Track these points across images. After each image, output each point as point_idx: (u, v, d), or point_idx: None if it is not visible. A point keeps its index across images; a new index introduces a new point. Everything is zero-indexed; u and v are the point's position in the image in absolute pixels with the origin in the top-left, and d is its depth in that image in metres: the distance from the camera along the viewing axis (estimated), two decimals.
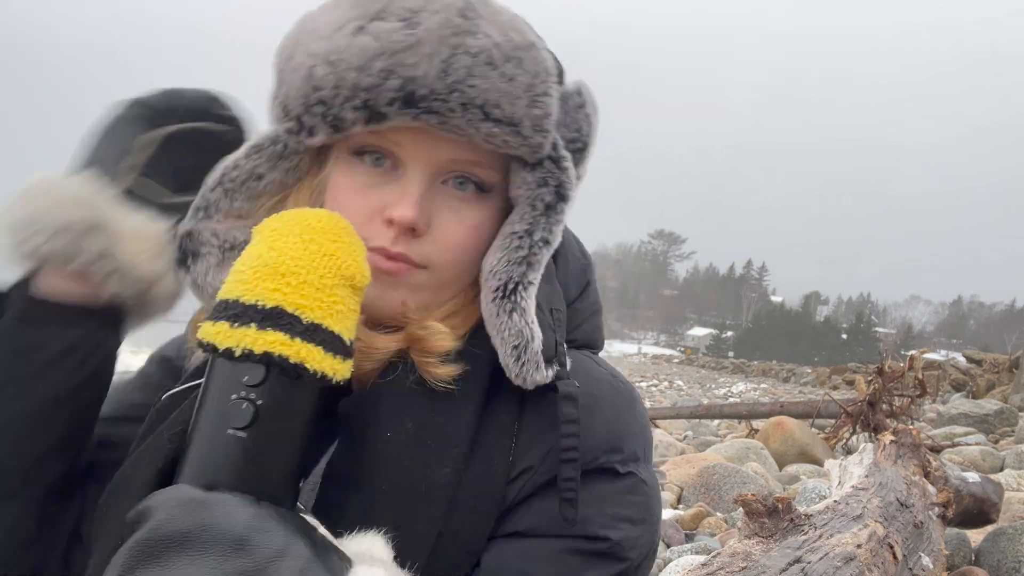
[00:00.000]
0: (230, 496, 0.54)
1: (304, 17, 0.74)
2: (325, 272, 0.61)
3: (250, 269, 0.61)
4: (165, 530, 0.50)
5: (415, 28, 0.66)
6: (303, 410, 0.60)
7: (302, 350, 0.58)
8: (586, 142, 0.77)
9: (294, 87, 0.70)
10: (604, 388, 0.76)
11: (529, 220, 0.73)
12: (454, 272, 0.74)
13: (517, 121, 0.68)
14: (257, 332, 0.57)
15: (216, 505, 0.53)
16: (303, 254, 0.61)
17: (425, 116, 0.66)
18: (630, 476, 0.73)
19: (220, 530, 0.50)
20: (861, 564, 1.90)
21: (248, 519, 0.52)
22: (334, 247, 0.63)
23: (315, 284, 0.60)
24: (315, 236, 0.63)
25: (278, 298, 0.59)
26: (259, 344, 0.57)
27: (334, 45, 0.67)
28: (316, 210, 0.67)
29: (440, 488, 0.67)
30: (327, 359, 0.59)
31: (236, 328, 0.58)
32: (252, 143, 0.79)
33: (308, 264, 0.61)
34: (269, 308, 0.58)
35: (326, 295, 0.60)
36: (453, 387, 0.70)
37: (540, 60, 0.70)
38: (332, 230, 0.64)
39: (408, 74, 0.65)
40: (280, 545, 0.51)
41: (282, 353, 0.57)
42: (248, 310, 0.58)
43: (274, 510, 0.55)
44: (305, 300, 0.59)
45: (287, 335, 0.58)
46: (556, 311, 0.75)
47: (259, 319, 0.58)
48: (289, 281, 0.60)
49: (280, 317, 0.58)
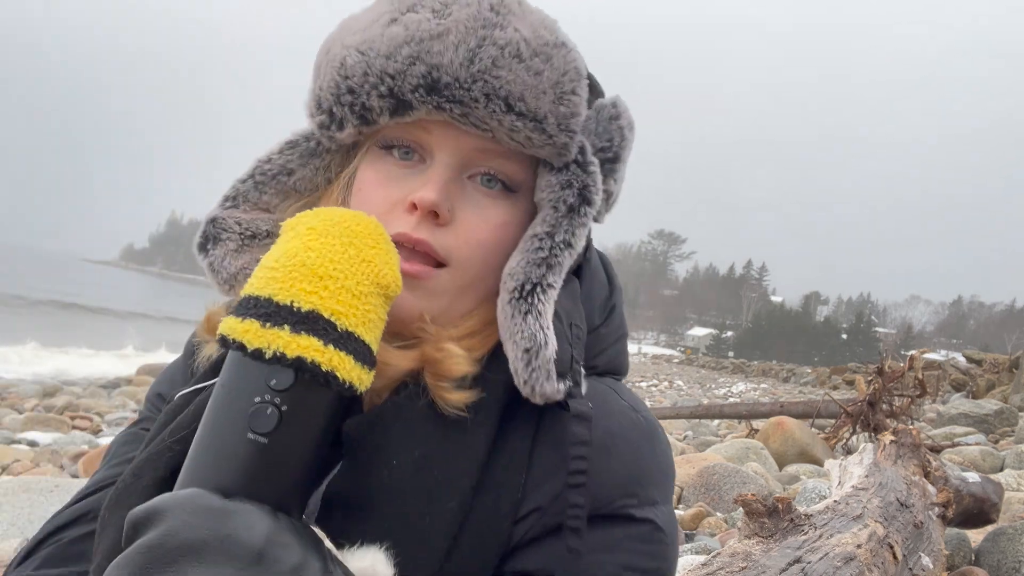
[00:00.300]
0: (249, 506, 0.52)
1: (347, 18, 0.75)
2: (363, 278, 0.59)
3: (284, 268, 0.59)
4: (181, 537, 0.48)
5: (445, 19, 0.67)
6: (326, 419, 0.58)
7: (334, 358, 0.56)
8: (617, 153, 0.76)
9: (328, 78, 0.72)
10: (624, 424, 0.72)
11: (551, 222, 0.71)
12: (475, 273, 0.72)
13: (542, 117, 0.68)
14: (291, 335, 0.55)
15: (236, 515, 0.50)
16: (342, 258, 0.59)
17: (448, 105, 0.66)
18: (646, 523, 0.69)
19: (239, 542, 0.49)
20: (861, 564, 1.90)
21: (267, 532, 0.50)
22: (372, 253, 0.61)
23: (352, 290, 0.58)
24: (354, 240, 0.61)
25: (315, 301, 0.57)
26: (292, 348, 0.55)
27: (367, 36, 0.69)
28: (355, 212, 0.65)
29: (444, 522, 0.64)
30: (356, 369, 0.58)
31: (268, 328, 0.56)
32: (287, 139, 0.80)
33: (347, 269, 0.59)
34: (305, 311, 0.56)
35: (362, 302, 0.59)
36: (465, 415, 0.67)
37: (570, 60, 0.69)
38: (371, 235, 0.62)
39: (434, 61, 0.66)
40: (297, 560, 0.50)
41: (315, 359, 0.55)
42: (281, 310, 0.56)
43: (290, 522, 0.53)
44: (342, 306, 0.58)
45: (321, 341, 0.56)
46: (576, 327, 0.72)
47: (293, 322, 0.56)
48: (327, 285, 0.58)
49: (316, 321, 0.56)
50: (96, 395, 11.48)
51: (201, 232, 0.79)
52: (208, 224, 0.79)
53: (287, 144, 0.80)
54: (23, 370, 14.82)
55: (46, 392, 10.93)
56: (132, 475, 0.68)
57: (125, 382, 13.37)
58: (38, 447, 6.55)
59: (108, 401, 10.75)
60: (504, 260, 0.73)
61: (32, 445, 6.71)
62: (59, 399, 10.00)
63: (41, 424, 7.68)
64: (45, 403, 9.69)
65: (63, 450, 6.24)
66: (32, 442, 6.84)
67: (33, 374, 14.09)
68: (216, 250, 0.78)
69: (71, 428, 7.82)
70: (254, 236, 0.79)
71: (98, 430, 7.95)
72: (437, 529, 0.64)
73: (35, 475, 5.06)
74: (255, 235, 0.79)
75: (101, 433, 7.76)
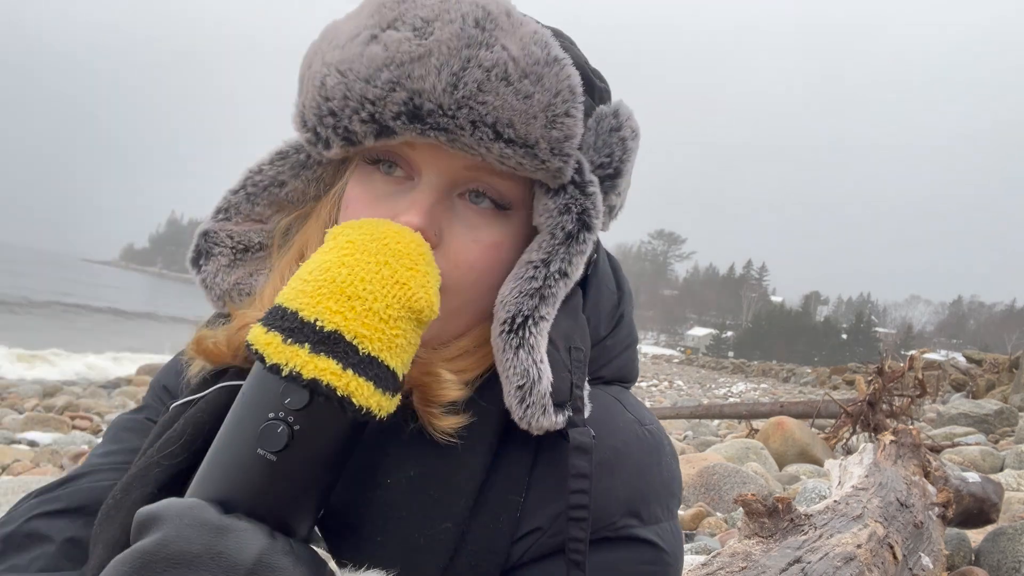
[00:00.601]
0: (246, 524, 0.51)
1: (329, 25, 0.71)
2: (393, 301, 0.57)
3: (315, 281, 0.57)
4: (174, 548, 0.49)
5: (426, 38, 0.62)
6: (340, 443, 0.56)
7: (352, 383, 0.54)
8: (619, 168, 0.71)
9: (310, 97, 0.68)
10: (628, 440, 0.70)
11: (547, 249, 0.68)
12: (468, 296, 0.69)
13: (532, 142, 0.63)
14: (309, 355, 0.54)
15: (230, 533, 0.50)
16: (375, 278, 0.57)
17: (433, 132, 0.62)
18: (648, 544, 0.68)
19: (230, 561, 0.49)
20: (861, 564, 1.90)
21: (259, 553, 0.50)
22: (408, 275, 0.58)
23: (380, 314, 0.56)
24: (390, 260, 0.58)
25: (339, 322, 0.55)
26: (309, 369, 0.53)
27: (346, 54, 0.65)
28: (400, 228, 0.62)
29: (440, 543, 0.62)
30: (375, 395, 0.55)
31: (288, 345, 0.54)
32: (278, 149, 0.78)
33: (378, 290, 0.57)
34: (327, 331, 0.55)
35: (389, 327, 0.56)
36: (455, 441, 0.65)
37: (563, 78, 0.64)
38: (410, 255, 0.59)
39: (415, 86, 0.61)
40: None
41: (330, 383, 0.53)
42: (305, 327, 0.55)
43: (287, 544, 0.53)
44: (367, 330, 0.55)
45: (340, 364, 0.54)
46: (576, 350, 0.68)
47: (314, 340, 0.54)
48: (354, 306, 0.56)
49: (336, 343, 0.54)
50: (96, 395, 11.49)
51: (194, 246, 0.78)
52: (200, 238, 0.78)
53: (277, 155, 0.78)
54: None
55: (46, 392, 10.93)
56: (121, 490, 0.67)
57: (125, 382, 13.38)
58: (38, 447, 6.55)
59: (108, 401, 10.76)
60: (499, 280, 0.69)
61: (32, 445, 6.72)
62: (59, 399, 10.00)
63: (41, 424, 7.68)
64: (45, 403, 9.69)
65: (63, 450, 6.24)
66: (32, 442, 6.85)
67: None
68: (208, 265, 0.77)
69: (71, 428, 7.82)
70: (246, 249, 0.78)
71: (98, 430, 7.95)
72: (434, 548, 0.62)
73: (35, 475, 5.07)
74: (247, 248, 0.78)
75: (101, 433, 7.77)
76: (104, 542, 0.64)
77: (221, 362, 0.74)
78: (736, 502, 1.98)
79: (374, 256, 0.58)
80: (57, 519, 0.74)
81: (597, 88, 0.73)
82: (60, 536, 0.73)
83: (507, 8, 0.65)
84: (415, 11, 0.64)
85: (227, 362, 0.74)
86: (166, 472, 0.66)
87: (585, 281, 0.75)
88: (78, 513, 0.75)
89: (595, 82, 0.73)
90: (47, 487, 0.78)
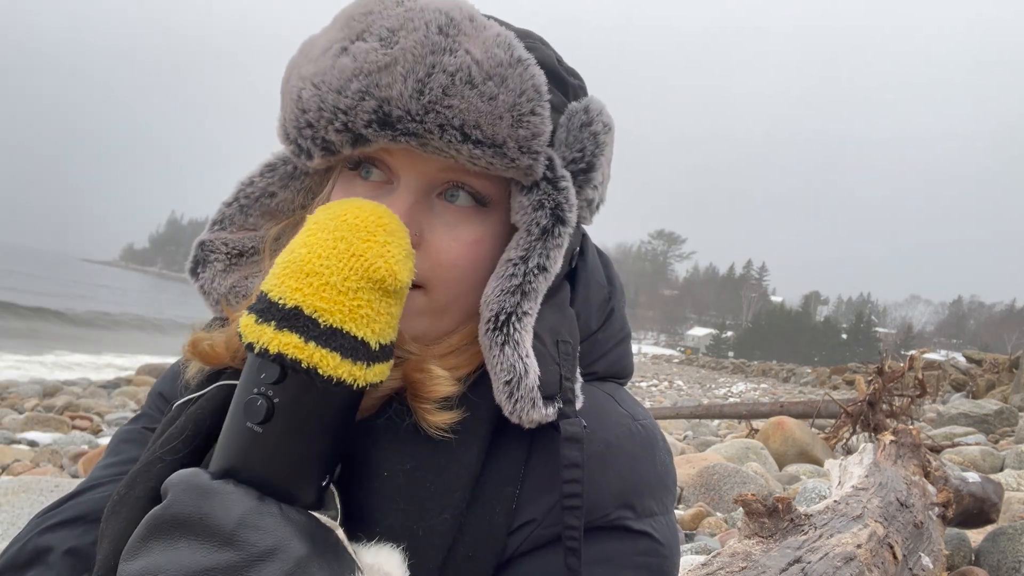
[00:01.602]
0: (233, 488, 0.55)
1: (306, 40, 0.73)
2: (350, 273, 0.59)
3: (281, 263, 0.60)
4: (172, 511, 0.54)
5: (392, 47, 0.64)
6: (322, 412, 0.59)
7: (315, 354, 0.56)
8: (591, 163, 0.72)
9: (288, 110, 0.71)
10: (620, 434, 0.71)
11: (525, 246, 0.69)
12: (454, 293, 0.71)
13: (500, 142, 0.65)
14: (274, 332, 0.57)
15: (215, 496, 0.55)
16: (331, 252, 0.59)
17: (403, 138, 0.64)
18: (643, 536, 0.69)
19: (214, 522, 0.53)
20: (861, 564, 1.90)
21: (242, 514, 0.54)
22: (364, 247, 0.60)
23: (338, 286, 0.58)
24: (346, 233, 0.60)
25: (299, 298, 0.58)
26: (274, 344, 0.57)
27: (319, 67, 0.67)
28: (360, 203, 0.64)
29: (438, 534, 0.64)
30: (344, 365, 0.57)
31: (258, 324, 0.58)
32: (267, 161, 0.81)
33: (334, 264, 0.59)
34: (289, 308, 0.58)
35: (348, 298, 0.58)
36: (449, 436, 0.66)
37: (527, 78, 0.65)
38: (367, 227, 0.61)
39: (383, 94, 0.64)
40: (270, 544, 0.53)
41: (294, 356, 0.56)
42: (272, 307, 0.58)
43: (276, 507, 0.55)
44: (325, 303, 0.58)
45: (302, 338, 0.57)
46: (564, 343, 0.70)
47: (279, 318, 0.57)
48: (312, 282, 0.58)
49: (297, 318, 0.57)
50: (96, 395, 11.49)
51: (192, 257, 0.81)
52: (197, 248, 0.81)
53: (267, 167, 0.81)
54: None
55: (46, 392, 10.95)
56: (126, 486, 0.69)
57: (125, 382, 13.39)
58: (38, 447, 6.55)
59: (108, 401, 10.76)
60: (484, 276, 0.71)
61: (32, 445, 6.72)
62: (59, 399, 10.01)
63: (41, 424, 7.69)
64: (45, 403, 9.70)
65: (63, 450, 6.25)
66: (32, 442, 6.85)
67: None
68: (205, 273, 0.80)
69: (71, 428, 7.82)
70: (241, 254, 0.81)
71: (98, 430, 7.96)
72: (431, 540, 0.64)
73: (35, 475, 5.07)
74: (242, 253, 0.81)
75: (101, 433, 7.77)
76: (110, 537, 0.66)
77: (218, 363, 0.76)
78: (736, 502, 1.98)
79: (331, 232, 0.60)
80: (60, 531, 0.76)
81: (570, 85, 0.74)
82: (62, 547, 0.75)
83: (470, 13, 0.66)
84: (381, 22, 0.66)
85: (224, 363, 0.76)
86: (169, 467, 0.67)
87: (574, 276, 0.76)
88: (79, 523, 0.77)
89: (567, 79, 0.74)
90: (53, 504, 0.80)
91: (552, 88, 0.69)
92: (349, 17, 0.68)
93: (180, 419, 0.72)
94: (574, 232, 0.72)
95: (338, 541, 0.58)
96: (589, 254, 0.80)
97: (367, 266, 0.59)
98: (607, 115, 0.74)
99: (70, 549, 0.75)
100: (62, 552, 0.75)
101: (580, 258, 0.78)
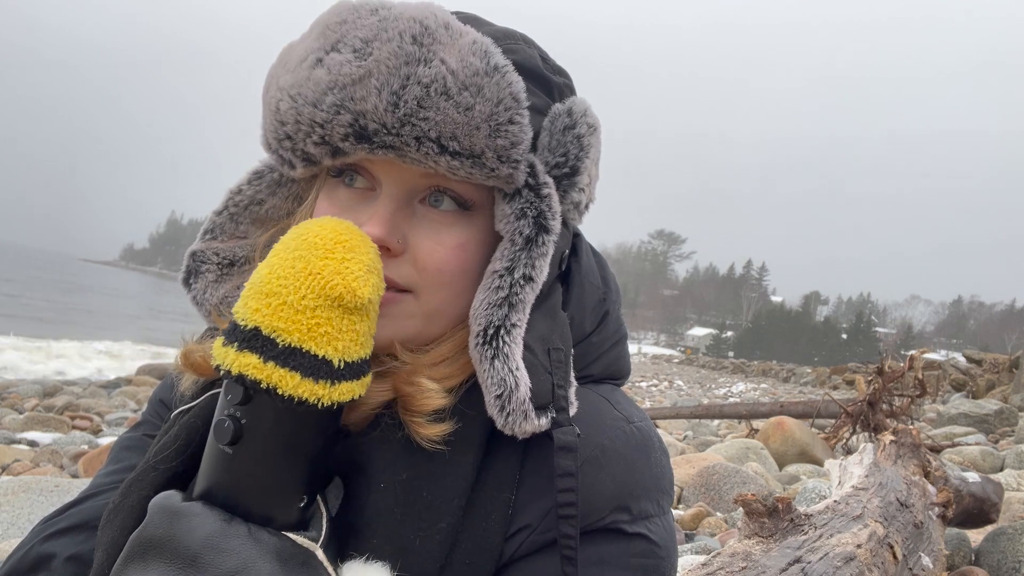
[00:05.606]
0: (200, 510, 0.57)
1: (285, 47, 0.73)
2: (308, 292, 0.58)
3: (248, 285, 0.61)
4: (145, 533, 0.57)
5: (366, 59, 0.63)
6: (289, 432, 0.59)
7: (274, 375, 0.57)
8: (575, 167, 0.71)
9: (268, 121, 0.71)
10: (615, 437, 0.70)
11: (510, 256, 0.68)
12: (441, 298, 0.70)
13: (478, 152, 0.64)
14: (236, 353, 0.57)
15: (183, 518, 0.56)
16: (290, 272, 0.59)
17: (381, 151, 0.64)
18: (639, 538, 0.68)
19: (180, 544, 0.55)
20: (861, 564, 1.90)
21: (206, 536, 0.55)
22: (322, 264, 0.59)
23: (295, 305, 0.58)
24: (305, 252, 0.60)
25: (258, 319, 0.58)
26: (235, 366, 0.57)
27: (295, 79, 0.67)
28: (324, 221, 0.64)
29: (435, 543, 0.64)
30: (305, 384, 0.57)
31: (224, 347, 0.59)
32: (254, 169, 0.81)
33: (292, 284, 0.59)
34: (249, 329, 0.58)
35: (307, 317, 0.58)
36: (442, 448, 0.66)
37: (504, 86, 0.64)
38: (325, 245, 0.61)
39: (358, 108, 0.63)
40: (232, 566, 0.54)
41: (254, 376, 0.57)
42: (235, 329, 0.59)
43: (245, 528, 0.56)
44: (283, 323, 0.58)
45: (260, 358, 0.57)
46: (556, 350, 0.69)
47: (240, 339, 0.58)
48: (270, 302, 0.58)
49: (256, 339, 0.58)
50: (96, 395, 11.48)
51: (184, 267, 0.81)
52: (189, 258, 0.81)
53: (254, 175, 0.81)
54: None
55: (46, 392, 10.93)
56: (120, 495, 0.69)
57: (125, 382, 13.38)
58: (38, 447, 6.54)
59: (108, 401, 10.75)
60: (471, 281, 0.70)
61: (32, 445, 6.71)
62: (59, 399, 10.00)
63: (41, 424, 7.68)
64: (45, 403, 9.68)
65: (63, 450, 6.24)
66: (32, 442, 6.84)
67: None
68: (197, 283, 0.80)
69: (71, 428, 7.82)
70: (232, 263, 0.81)
71: (98, 430, 7.95)
72: (429, 548, 0.64)
73: (35, 475, 5.06)
74: (233, 262, 0.81)
75: (101, 433, 7.76)
76: (104, 545, 0.67)
77: (210, 375, 0.75)
78: (736, 502, 1.98)
79: (292, 252, 0.61)
80: (62, 538, 0.77)
81: (555, 84, 0.73)
82: (64, 554, 0.76)
83: (446, 21, 0.65)
84: (355, 32, 0.65)
85: (214, 374, 0.75)
86: (162, 476, 0.68)
87: (568, 278, 0.76)
88: (80, 530, 0.77)
89: (551, 78, 0.73)
90: (55, 511, 0.81)
91: (534, 90, 0.69)
92: (324, 26, 0.67)
93: (173, 429, 0.72)
94: (563, 234, 0.71)
95: (314, 562, 0.58)
96: (583, 255, 0.79)
97: (324, 284, 0.59)
98: (592, 116, 0.73)
99: (72, 556, 0.75)
100: (64, 559, 0.75)
101: (573, 259, 0.77)
